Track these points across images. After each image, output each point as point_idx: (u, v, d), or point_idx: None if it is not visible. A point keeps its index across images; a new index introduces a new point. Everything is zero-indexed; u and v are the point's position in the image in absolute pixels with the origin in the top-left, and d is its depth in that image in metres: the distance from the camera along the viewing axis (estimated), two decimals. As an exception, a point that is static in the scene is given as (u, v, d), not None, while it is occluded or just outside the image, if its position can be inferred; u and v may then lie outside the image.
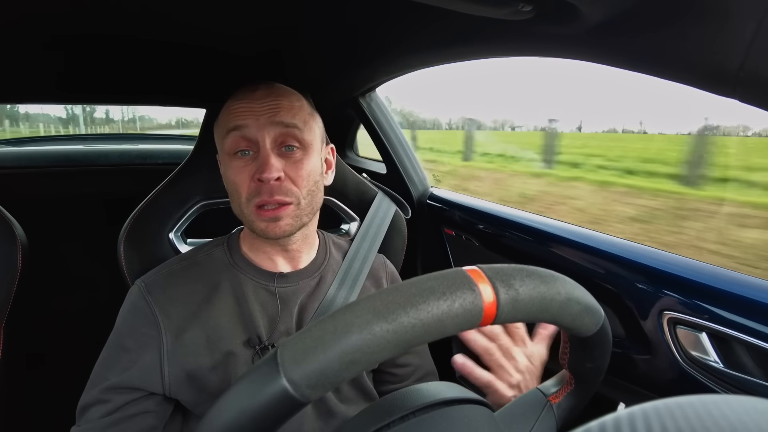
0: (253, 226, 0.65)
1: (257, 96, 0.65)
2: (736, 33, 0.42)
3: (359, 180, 0.96)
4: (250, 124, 0.62)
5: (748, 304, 0.64)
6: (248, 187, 0.63)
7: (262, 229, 0.64)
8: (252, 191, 0.63)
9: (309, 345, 0.29)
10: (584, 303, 0.36)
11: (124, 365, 0.62)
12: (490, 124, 12.36)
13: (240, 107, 0.64)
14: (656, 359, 0.75)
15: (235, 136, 0.63)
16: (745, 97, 0.46)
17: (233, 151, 0.64)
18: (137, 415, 0.62)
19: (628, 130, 7.68)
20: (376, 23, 0.80)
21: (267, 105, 0.64)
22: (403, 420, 0.36)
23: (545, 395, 0.48)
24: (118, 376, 0.62)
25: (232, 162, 0.64)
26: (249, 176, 0.63)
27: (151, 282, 0.67)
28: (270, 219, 0.63)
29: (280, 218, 0.63)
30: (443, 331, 0.30)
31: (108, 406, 0.61)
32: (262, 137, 0.62)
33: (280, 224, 0.63)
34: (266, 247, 0.70)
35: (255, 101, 0.64)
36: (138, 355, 0.63)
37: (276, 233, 0.64)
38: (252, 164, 0.63)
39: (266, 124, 0.62)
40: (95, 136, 2.58)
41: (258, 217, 0.63)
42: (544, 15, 0.55)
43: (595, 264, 0.84)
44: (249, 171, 0.63)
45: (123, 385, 0.62)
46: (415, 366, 0.80)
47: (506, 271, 0.33)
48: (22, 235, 0.79)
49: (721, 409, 0.20)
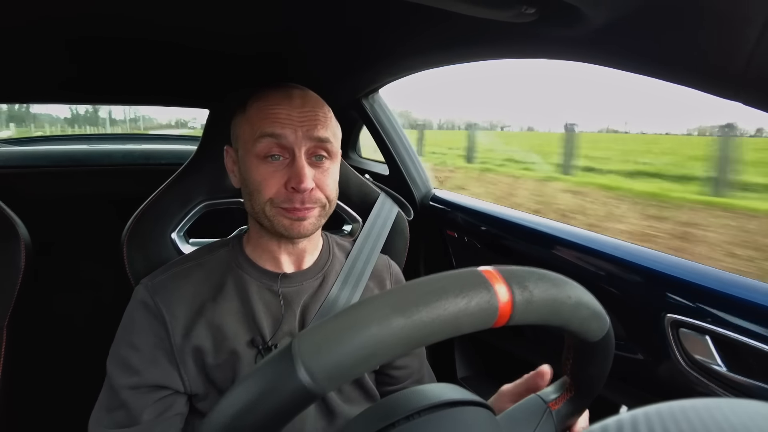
0: (274, 222, 0.65)
1: (294, 103, 0.65)
2: (740, 36, 0.42)
3: (362, 181, 0.96)
4: (288, 135, 0.63)
5: (752, 308, 0.64)
6: (276, 191, 0.64)
7: (285, 227, 0.64)
8: (282, 197, 0.64)
9: (328, 336, 0.29)
10: (592, 308, 0.37)
11: (141, 365, 0.63)
12: (484, 125, 12.28)
13: (278, 113, 0.64)
14: (659, 362, 0.75)
15: (270, 142, 0.63)
16: (749, 100, 0.46)
17: (264, 155, 0.64)
18: (170, 419, 0.63)
19: (612, 129, 7.50)
20: (379, 25, 0.80)
21: (305, 116, 0.65)
22: (408, 420, 0.36)
23: (545, 402, 0.48)
24: (140, 375, 0.62)
25: (261, 165, 0.64)
26: (279, 182, 0.64)
27: (157, 283, 0.67)
28: (296, 218, 0.64)
29: (306, 218, 0.64)
30: (459, 328, 0.30)
31: (138, 409, 0.62)
32: (299, 148, 0.63)
33: (304, 224, 0.64)
34: (272, 247, 0.71)
35: (293, 109, 0.64)
36: (153, 354, 0.63)
37: (300, 232, 0.65)
38: (283, 170, 0.64)
39: (304, 137, 0.64)
40: (98, 136, 2.60)
41: (282, 213, 0.64)
42: (547, 17, 0.55)
43: (597, 266, 0.84)
44: (279, 176, 0.64)
45: (147, 384, 0.62)
46: (413, 369, 0.80)
47: (520, 272, 0.33)
48: (25, 234, 0.79)
49: (725, 413, 0.20)
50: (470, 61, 0.83)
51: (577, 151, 7.12)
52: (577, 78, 36.05)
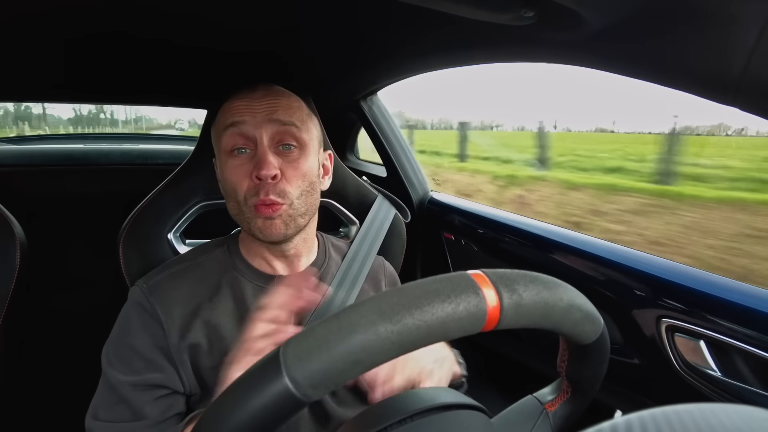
0: (251, 226, 0.64)
1: (256, 95, 0.65)
2: (737, 41, 0.42)
3: (359, 183, 0.96)
4: (247, 121, 0.63)
5: (746, 313, 0.64)
6: (246, 186, 0.63)
7: (259, 228, 0.64)
8: (250, 190, 0.63)
9: (313, 344, 0.29)
10: (585, 311, 0.36)
11: (139, 365, 0.62)
12: (476, 125, 12.28)
13: (238, 105, 0.65)
14: (654, 367, 0.75)
15: (233, 133, 0.63)
16: (745, 105, 0.46)
17: (230, 149, 0.64)
18: (171, 418, 0.62)
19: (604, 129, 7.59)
20: (379, 27, 0.80)
21: (265, 103, 0.64)
22: (400, 424, 0.36)
23: (541, 403, 0.48)
24: (138, 375, 0.62)
25: (229, 160, 0.64)
26: (246, 174, 0.63)
27: (152, 283, 0.67)
28: (266, 216, 0.63)
29: (274, 217, 0.63)
30: (447, 333, 0.30)
31: (138, 406, 0.61)
32: (260, 134, 0.62)
33: (275, 223, 0.63)
34: (264, 252, 0.70)
35: (254, 100, 0.65)
36: (151, 354, 0.63)
37: (273, 234, 0.64)
38: (249, 163, 0.63)
39: (264, 121, 0.63)
40: (96, 135, 2.59)
41: (256, 214, 0.63)
42: (547, 21, 0.55)
43: (593, 270, 0.84)
44: (246, 169, 0.63)
45: (147, 383, 0.62)
46: None
47: (510, 275, 0.33)
48: (21, 233, 0.79)
49: (719, 417, 0.20)
50: (469, 64, 0.83)
51: (545, 148, 7.39)
52: (573, 80, 36.18)
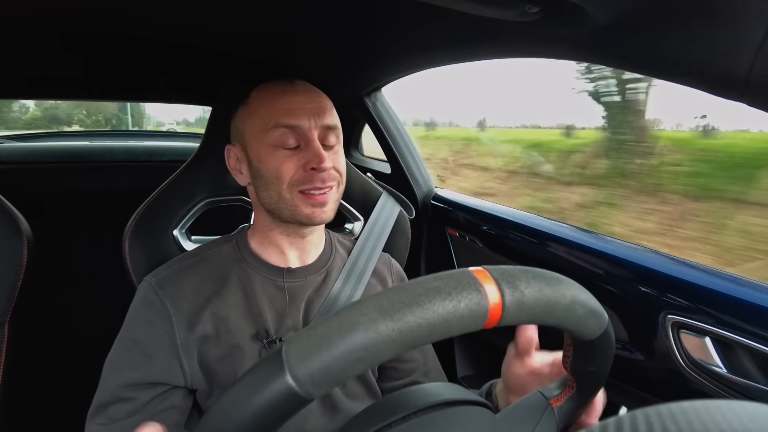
0: (295, 212, 0.67)
1: (300, 94, 0.68)
2: (745, 36, 0.42)
3: (364, 180, 0.96)
4: (303, 125, 0.66)
5: (752, 309, 0.64)
6: (295, 174, 0.66)
7: (307, 215, 0.67)
8: (299, 179, 0.66)
9: (314, 342, 0.29)
10: (589, 306, 0.36)
11: (140, 360, 0.63)
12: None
13: (287, 104, 0.67)
14: (659, 363, 0.75)
15: (285, 132, 0.66)
16: (753, 101, 0.46)
17: (279, 144, 0.67)
18: (164, 411, 0.63)
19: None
20: (383, 23, 0.79)
21: (313, 105, 0.68)
22: (405, 420, 0.36)
23: (546, 398, 0.48)
24: (137, 371, 0.63)
25: (276, 152, 0.67)
26: (296, 165, 0.66)
27: (161, 278, 0.68)
28: (317, 204, 0.67)
29: (326, 203, 0.67)
30: (448, 331, 0.30)
31: (134, 404, 0.62)
32: (312, 135, 0.67)
33: (325, 209, 0.68)
34: (280, 240, 0.72)
35: (300, 100, 0.68)
36: (153, 349, 0.63)
37: (321, 218, 0.68)
38: (299, 154, 0.67)
39: (315, 126, 0.67)
40: (101, 132, 2.60)
41: (304, 201, 0.66)
42: (552, 16, 0.55)
43: (599, 267, 0.84)
44: (296, 161, 0.66)
45: (145, 381, 0.63)
46: (419, 362, 0.80)
47: (512, 272, 0.33)
48: (27, 230, 0.79)
49: (724, 414, 0.20)
50: (473, 60, 0.83)
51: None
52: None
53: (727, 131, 2.20)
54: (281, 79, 0.70)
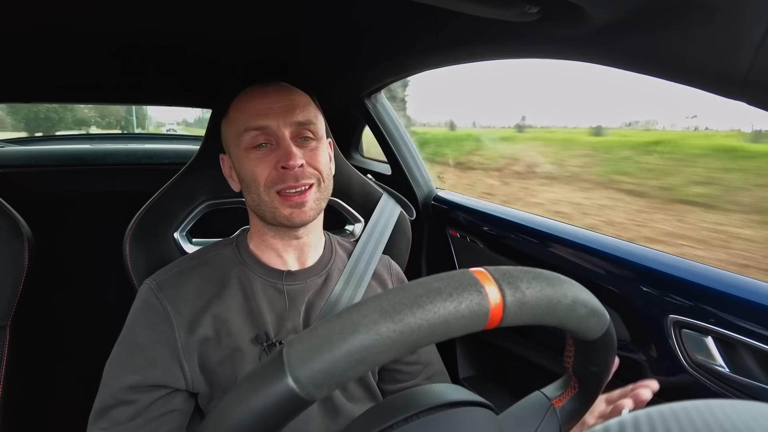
0: (275, 214, 0.66)
1: (269, 92, 0.68)
2: (745, 35, 0.42)
3: (364, 181, 0.96)
4: (271, 125, 0.66)
5: (754, 309, 0.64)
6: (268, 175, 0.66)
7: (286, 216, 0.66)
8: (273, 179, 0.66)
9: (315, 344, 0.29)
10: (590, 306, 0.36)
11: (141, 363, 0.63)
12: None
13: (257, 107, 0.67)
14: (661, 363, 0.75)
15: (255, 135, 0.66)
16: (753, 99, 0.46)
17: (252, 146, 0.67)
18: (166, 414, 0.63)
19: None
20: (382, 25, 0.80)
21: (282, 104, 0.67)
22: (407, 421, 0.36)
23: (549, 399, 0.48)
24: (138, 374, 0.62)
25: (250, 154, 0.67)
26: (269, 166, 0.66)
27: (161, 281, 0.68)
28: (295, 205, 0.66)
29: (305, 203, 0.66)
30: (449, 332, 0.30)
31: (135, 407, 0.62)
32: (282, 133, 0.66)
33: (304, 209, 0.66)
34: (277, 243, 0.72)
35: (269, 98, 0.67)
36: (154, 351, 0.63)
37: (301, 219, 0.66)
38: (271, 155, 0.66)
39: (285, 123, 0.66)
40: (102, 135, 2.61)
41: (282, 203, 0.66)
42: (551, 16, 0.55)
43: (600, 267, 0.84)
44: (269, 161, 0.66)
45: (146, 383, 0.62)
46: (423, 364, 0.80)
47: (513, 273, 0.33)
48: (29, 233, 0.79)
49: (727, 414, 0.20)
50: (473, 61, 0.83)
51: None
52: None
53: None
54: (259, 82, 0.71)
